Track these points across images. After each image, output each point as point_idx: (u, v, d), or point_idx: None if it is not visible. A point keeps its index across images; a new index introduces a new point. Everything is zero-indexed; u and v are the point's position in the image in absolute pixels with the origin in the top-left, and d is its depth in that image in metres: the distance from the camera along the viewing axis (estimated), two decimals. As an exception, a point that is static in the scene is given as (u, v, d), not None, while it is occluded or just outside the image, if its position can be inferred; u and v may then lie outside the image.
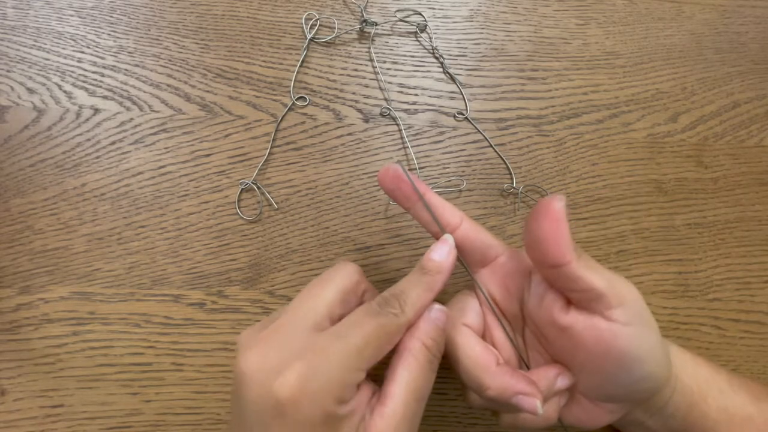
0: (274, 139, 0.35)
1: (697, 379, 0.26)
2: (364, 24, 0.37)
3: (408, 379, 0.23)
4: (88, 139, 0.34)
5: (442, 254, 0.25)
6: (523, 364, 0.27)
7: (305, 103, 0.36)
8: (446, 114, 0.37)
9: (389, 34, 0.38)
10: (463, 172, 0.36)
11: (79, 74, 0.35)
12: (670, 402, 0.26)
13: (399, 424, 0.22)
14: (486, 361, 0.24)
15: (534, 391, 0.23)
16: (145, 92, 0.35)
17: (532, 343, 0.27)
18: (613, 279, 0.23)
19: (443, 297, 0.32)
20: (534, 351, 0.27)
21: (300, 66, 0.36)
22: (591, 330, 0.23)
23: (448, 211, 0.26)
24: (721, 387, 0.26)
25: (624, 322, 0.22)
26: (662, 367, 0.24)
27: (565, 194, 0.36)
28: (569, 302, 0.24)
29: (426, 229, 0.26)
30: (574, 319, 0.23)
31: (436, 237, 0.26)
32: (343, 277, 0.25)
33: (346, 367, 0.21)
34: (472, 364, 0.24)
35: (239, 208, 0.34)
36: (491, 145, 0.36)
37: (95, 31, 0.36)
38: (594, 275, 0.22)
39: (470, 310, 0.26)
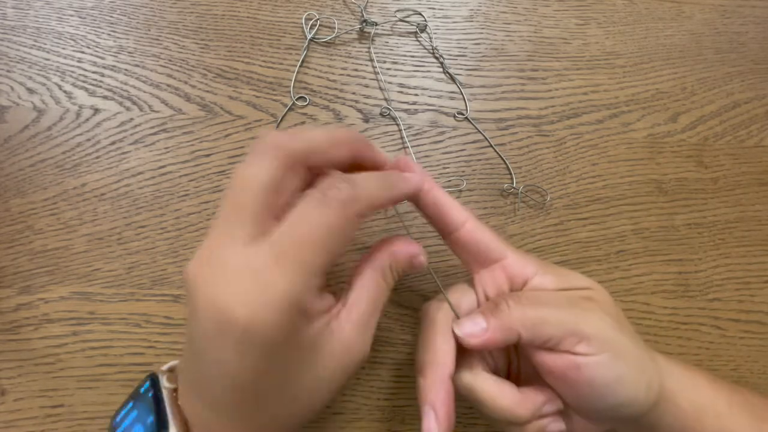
0: (274, 139, 0.35)
1: (694, 402, 0.25)
2: (364, 24, 0.37)
3: (373, 293, 0.23)
4: (88, 139, 0.34)
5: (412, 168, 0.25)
6: (516, 378, 0.27)
7: (305, 103, 0.36)
8: (446, 114, 0.37)
9: (389, 34, 0.38)
10: (463, 172, 0.36)
11: (79, 74, 0.35)
12: (661, 423, 0.25)
13: (366, 332, 0.22)
14: (444, 361, 0.25)
15: (444, 424, 0.24)
16: (145, 92, 0.35)
17: (524, 357, 0.27)
18: (575, 311, 0.23)
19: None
20: (527, 364, 0.27)
21: (300, 66, 0.36)
22: (557, 361, 0.23)
23: (454, 210, 0.26)
24: (719, 410, 0.25)
25: (589, 353, 0.23)
26: (640, 392, 0.23)
27: (563, 194, 0.36)
28: None
29: (431, 225, 0.27)
30: (541, 354, 0.24)
31: (441, 234, 0.26)
32: (261, 175, 0.20)
33: (298, 289, 0.19)
34: (432, 352, 0.25)
35: (239, 208, 0.34)
36: (491, 145, 0.36)
37: (95, 31, 0.36)
38: (555, 322, 0.23)
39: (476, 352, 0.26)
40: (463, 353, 0.26)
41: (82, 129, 0.34)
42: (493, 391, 0.25)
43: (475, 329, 0.24)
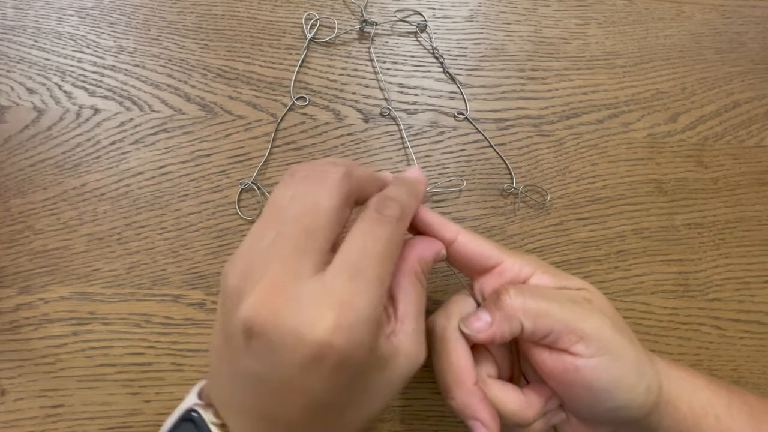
0: (274, 139, 0.35)
1: (692, 406, 0.25)
2: (364, 24, 0.37)
3: (416, 299, 0.23)
4: (88, 139, 0.34)
5: (414, 171, 0.27)
6: (518, 377, 0.27)
7: (305, 103, 0.36)
8: (446, 114, 0.37)
9: (389, 34, 0.38)
10: (463, 172, 0.36)
11: (79, 74, 0.35)
12: (660, 426, 0.25)
13: (420, 338, 0.22)
14: (465, 376, 0.25)
15: (492, 426, 0.24)
16: (145, 92, 0.35)
17: (524, 358, 0.27)
18: (575, 308, 0.23)
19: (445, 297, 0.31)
20: (528, 365, 0.27)
21: (300, 66, 0.36)
22: (556, 362, 0.24)
23: (443, 228, 0.26)
24: (718, 413, 0.25)
25: (587, 354, 0.23)
26: (638, 395, 0.24)
27: (563, 194, 0.36)
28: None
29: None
30: (541, 354, 0.24)
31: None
32: (335, 193, 0.21)
33: (376, 304, 0.19)
34: (451, 372, 0.25)
35: (239, 208, 0.34)
36: (491, 145, 0.36)
37: (95, 31, 0.36)
38: (556, 316, 0.23)
39: (480, 355, 0.27)
40: None
41: (82, 129, 0.34)
42: (500, 396, 0.25)
43: (481, 324, 0.24)
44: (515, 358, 0.28)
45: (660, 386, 0.24)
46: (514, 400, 0.25)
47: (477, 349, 0.27)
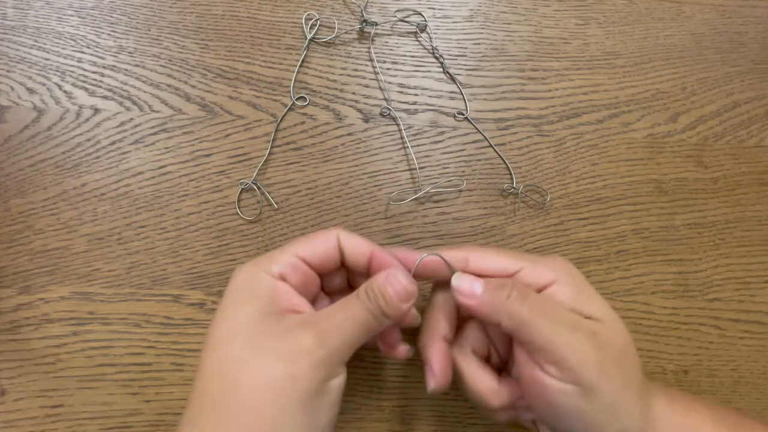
0: (274, 139, 0.35)
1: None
2: (364, 24, 0.37)
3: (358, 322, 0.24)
4: (88, 139, 0.34)
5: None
6: (510, 368, 0.28)
7: (305, 103, 0.36)
8: (446, 114, 0.37)
9: (389, 34, 0.38)
10: (463, 172, 0.36)
11: (79, 74, 0.35)
12: None
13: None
14: (436, 327, 0.27)
15: (438, 376, 0.26)
16: (145, 92, 0.35)
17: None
18: (566, 334, 0.23)
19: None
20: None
21: (300, 66, 0.36)
22: (530, 370, 0.24)
23: (453, 259, 0.26)
24: None
25: (557, 377, 0.23)
26: (610, 422, 0.23)
27: (563, 194, 0.36)
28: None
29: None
30: (520, 354, 0.25)
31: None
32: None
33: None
34: (428, 323, 0.27)
35: (239, 208, 0.34)
36: (491, 145, 0.36)
37: (95, 31, 0.36)
38: (540, 333, 0.23)
39: (471, 331, 0.28)
40: (460, 332, 0.27)
41: (82, 129, 0.34)
42: (473, 373, 0.26)
43: (468, 289, 0.25)
44: (509, 350, 0.28)
45: (646, 413, 0.24)
46: (484, 382, 0.26)
47: (474, 326, 0.28)
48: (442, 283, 0.27)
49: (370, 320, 0.23)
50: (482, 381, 0.26)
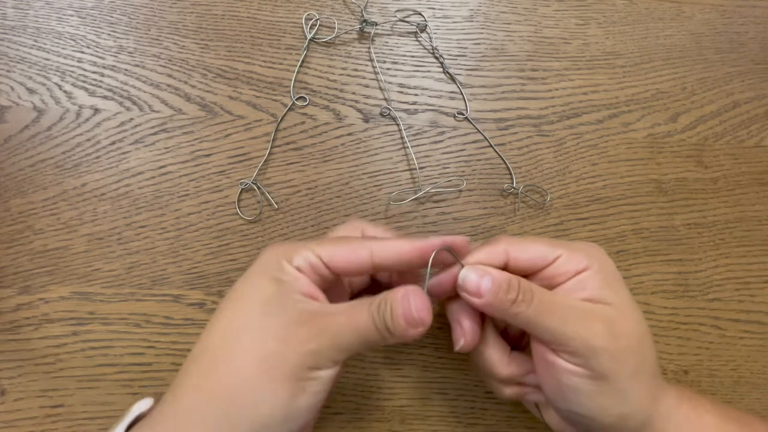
0: (274, 139, 0.35)
1: (680, 429, 0.25)
2: (364, 24, 0.37)
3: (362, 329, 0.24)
4: (88, 139, 0.34)
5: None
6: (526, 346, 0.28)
7: (305, 103, 0.36)
8: (446, 114, 0.37)
9: (389, 34, 0.38)
10: (463, 172, 0.36)
11: (79, 74, 0.35)
12: None
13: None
14: (498, 355, 0.27)
15: (468, 331, 0.26)
16: (145, 92, 0.35)
17: None
18: (583, 326, 0.23)
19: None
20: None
21: (300, 66, 0.36)
22: (542, 350, 0.24)
23: (491, 256, 0.25)
24: None
25: (569, 362, 0.23)
26: (608, 416, 0.24)
27: (563, 194, 0.36)
28: None
29: None
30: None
31: None
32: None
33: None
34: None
35: (239, 208, 0.34)
36: (491, 145, 0.36)
37: (95, 31, 0.36)
38: (556, 327, 0.23)
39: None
40: None
41: (82, 129, 0.34)
42: (487, 338, 0.27)
43: (473, 289, 0.24)
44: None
45: (647, 422, 0.24)
46: (496, 352, 0.26)
47: None
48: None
49: (373, 333, 0.23)
50: (495, 349, 0.27)
